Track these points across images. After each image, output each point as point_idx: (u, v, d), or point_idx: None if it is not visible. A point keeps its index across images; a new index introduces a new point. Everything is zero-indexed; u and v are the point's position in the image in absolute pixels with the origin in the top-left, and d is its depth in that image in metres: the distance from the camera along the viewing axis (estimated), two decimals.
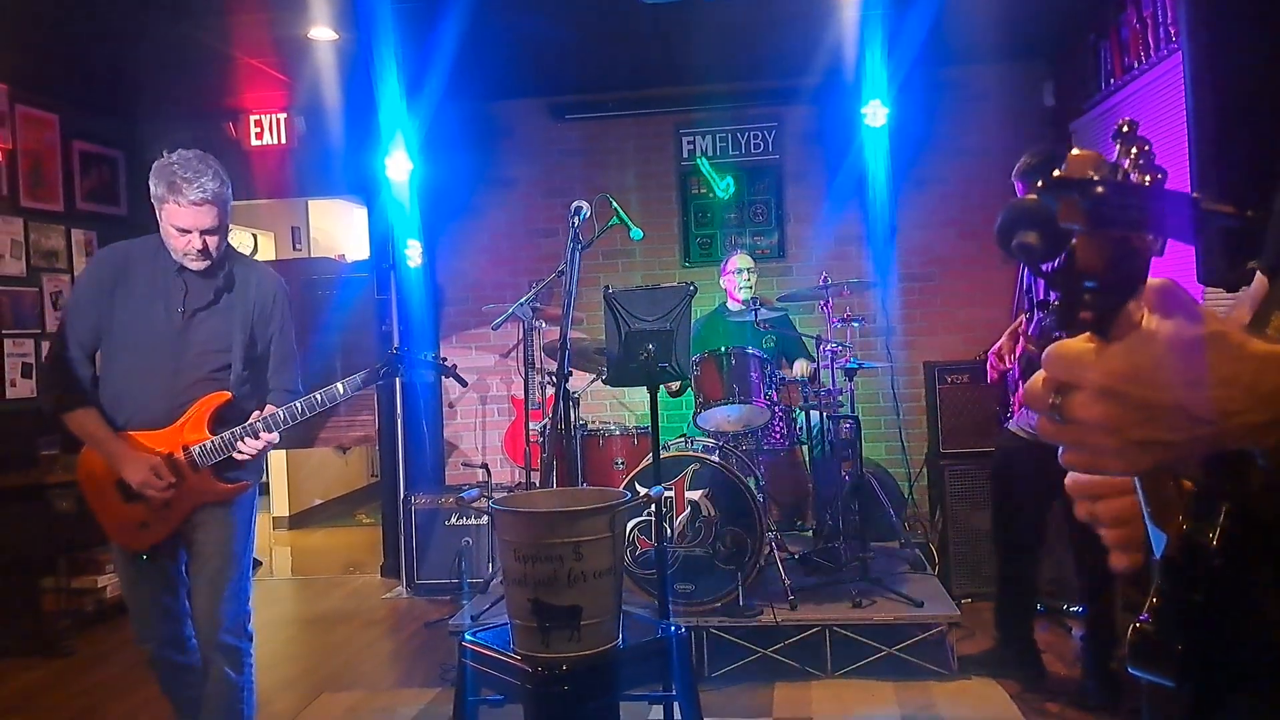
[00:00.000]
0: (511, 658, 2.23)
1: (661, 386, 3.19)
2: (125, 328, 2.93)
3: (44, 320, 5.65)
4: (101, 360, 2.99)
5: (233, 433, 2.93)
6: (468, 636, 2.40)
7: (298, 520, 8.21)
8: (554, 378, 3.10)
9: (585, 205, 3.18)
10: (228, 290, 3.00)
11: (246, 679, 3.05)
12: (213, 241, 2.90)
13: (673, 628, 2.39)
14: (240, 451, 2.93)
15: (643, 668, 2.37)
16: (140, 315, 2.93)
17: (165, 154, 2.88)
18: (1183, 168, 4.10)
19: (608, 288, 3.06)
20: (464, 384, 3.57)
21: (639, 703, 3.45)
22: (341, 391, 3.03)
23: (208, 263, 2.92)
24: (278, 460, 8.01)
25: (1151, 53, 4.25)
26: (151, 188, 2.86)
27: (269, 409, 3.02)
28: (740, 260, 5.38)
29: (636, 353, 2.84)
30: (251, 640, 3.08)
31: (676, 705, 2.40)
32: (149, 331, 2.92)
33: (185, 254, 2.88)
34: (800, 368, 5.01)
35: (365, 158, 5.94)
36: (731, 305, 5.44)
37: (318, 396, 3.00)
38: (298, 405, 2.97)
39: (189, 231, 2.85)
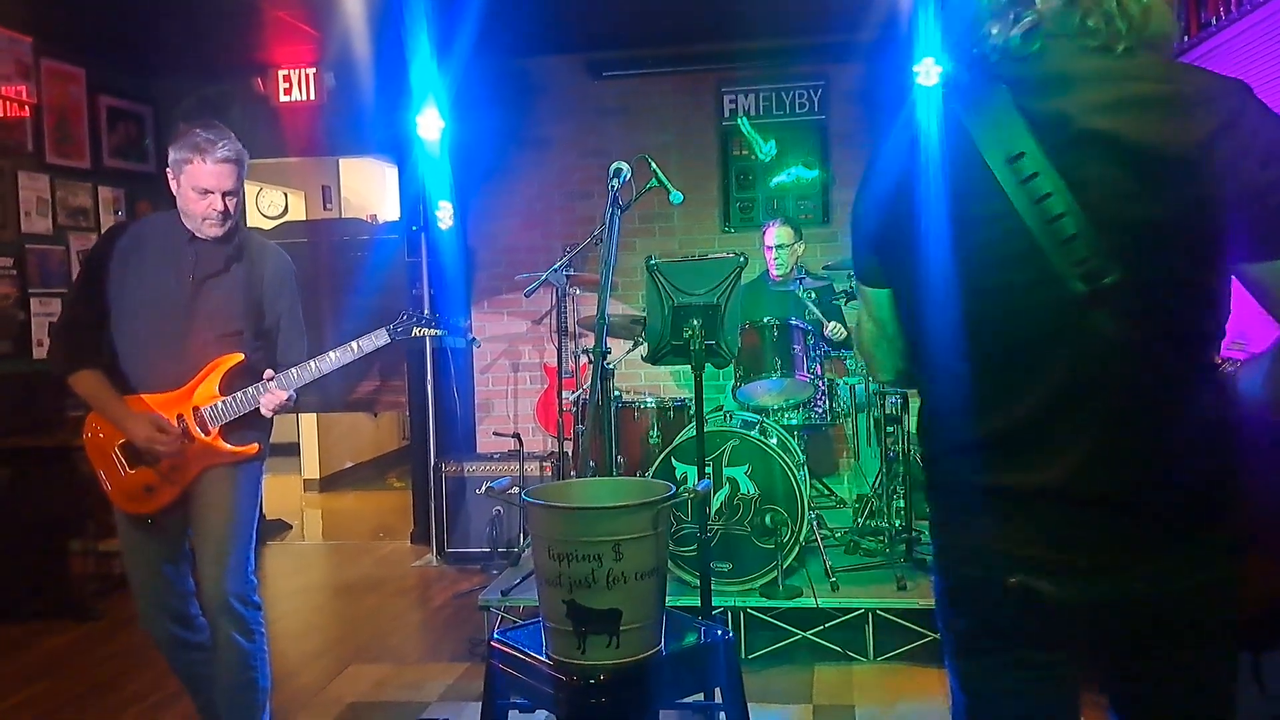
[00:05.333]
0: (544, 664, 2.08)
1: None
2: (136, 295, 2.92)
3: (71, 279, 5.56)
4: (113, 328, 2.96)
5: (244, 393, 2.94)
6: (496, 636, 2.26)
7: (328, 483, 8.17)
8: (590, 354, 2.94)
9: (625, 167, 2.99)
10: (237, 260, 3.00)
11: (258, 646, 3.00)
12: (232, 204, 2.92)
13: (718, 630, 2.23)
14: (262, 406, 2.94)
15: (686, 675, 2.22)
16: (151, 282, 2.93)
17: (182, 126, 2.97)
18: None
19: (651, 258, 2.88)
20: (473, 341, 3.91)
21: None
22: (356, 349, 3.05)
23: (226, 226, 2.93)
24: (309, 423, 7.96)
25: (1233, 7, 3.97)
26: (172, 154, 2.90)
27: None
28: (776, 235, 5.17)
29: (681, 329, 2.66)
30: (259, 609, 3.03)
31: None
32: (159, 297, 2.92)
33: (205, 217, 2.89)
34: (835, 328, 4.79)
35: (396, 115, 5.76)
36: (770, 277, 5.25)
37: (333, 354, 3.00)
38: (311, 364, 2.97)
39: (211, 193, 2.87)
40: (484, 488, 5.54)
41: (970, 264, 1.35)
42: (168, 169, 2.93)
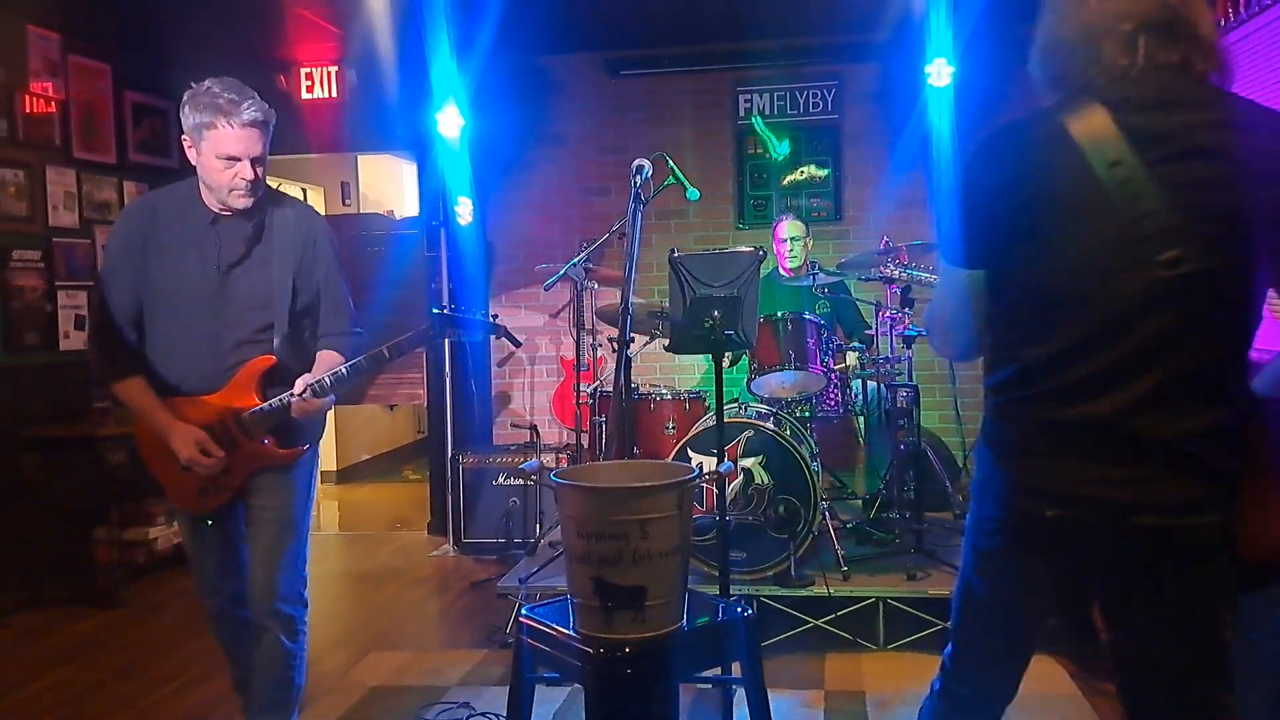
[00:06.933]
0: (572, 638, 2.16)
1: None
2: (162, 287, 2.76)
3: (96, 272, 5.65)
4: (144, 323, 2.83)
5: (280, 400, 2.78)
6: (525, 612, 2.33)
7: (345, 475, 8.26)
8: (613, 343, 2.99)
9: (647, 164, 3.06)
10: (259, 241, 2.80)
11: (300, 645, 2.96)
12: (261, 171, 2.70)
13: (738, 608, 2.31)
14: (294, 411, 2.80)
15: (707, 650, 2.30)
16: (175, 273, 2.75)
17: (194, 85, 2.66)
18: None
19: (673, 251, 2.95)
20: (517, 344, 3.37)
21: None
22: (387, 356, 2.87)
23: (254, 198, 2.72)
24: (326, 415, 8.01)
25: (1241, 9, 4.03)
26: (189, 118, 2.63)
27: (325, 355, 2.88)
28: (788, 228, 5.25)
29: (701, 320, 2.74)
30: (307, 607, 2.97)
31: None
32: (186, 290, 2.75)
33: (232, 189, 2.67)
34: (849, 358, 4.86)
35: (416, 112, 5.85)
36: (782, 272, 5.32)
37: (363, 361, 2.85)
38: (343, 370, 2.81)
39: (238, 160, 2.63)
40: (500, 478, 5.65)
41: (1075, 249, 1.64)
42: (184, 136, 2.68)
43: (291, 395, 2.77)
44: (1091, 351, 1.64)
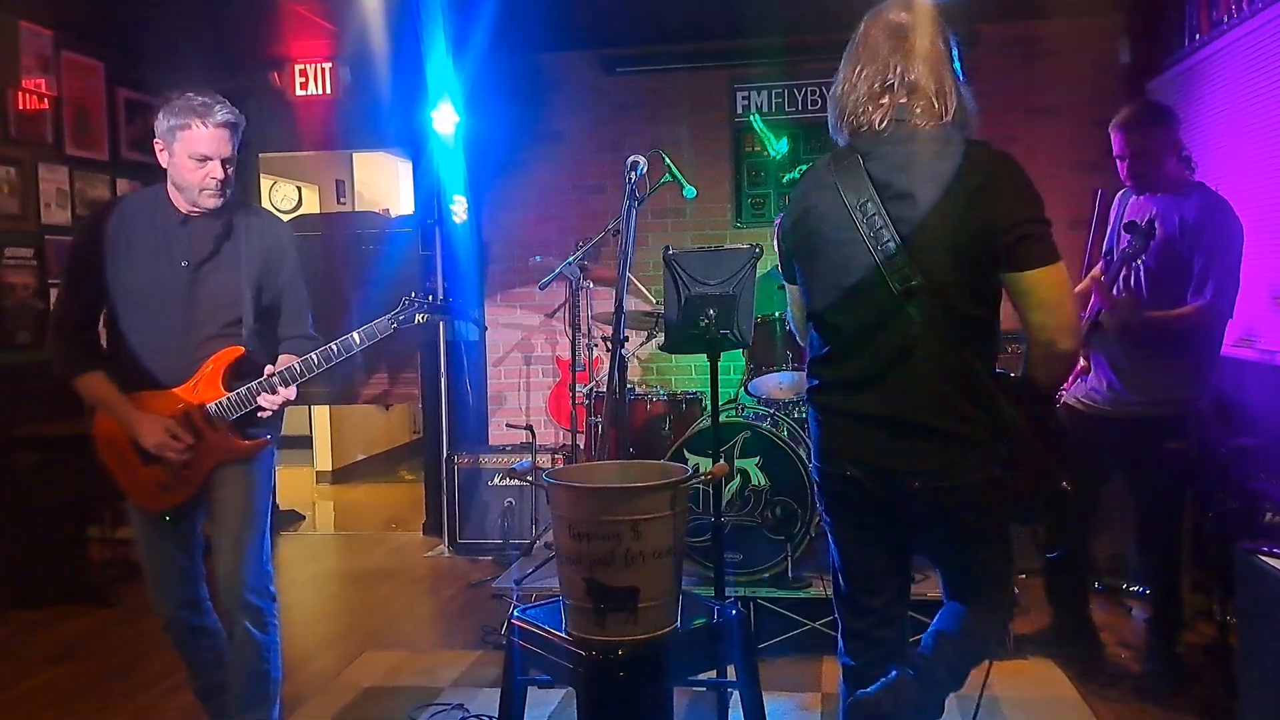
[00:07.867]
0: (564, 640, 2.13)
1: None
2: (130, 285, 2.81)
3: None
4: (109, 320, 2.86)
5: (248, 389, 2.84)
6: (517, 614, 2.30)
7: (340, 475, 8.23)
8: (608, 342, 2.97)
9: (642, 160, 3.04)
10: (227, 239, 2.87)
11: (272, 638, 2.97)
12: (230, 172, 2.79)
13: (732, 610, 2.29)
14: (261, 408, 2.85)
15: (701, 652, 2.27)
16: (144, 271, 2.81)
17: (165, 95, 2.79)
18: (1276, 137, 3.87)
19: (668, 248, 2.93)
20: (482, 327, 3.45)
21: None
22: (358, 341, 2.91)
23: (225, 196, 2.80)
24: (321, 415, 8.01)
25: (1244, 6, 4.00)
26: (163, 123, 2.76)
27: (285, 359, 2.92)
28: None
29: (697, 318, 2.71)
30: (275, 600, 3.00)
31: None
32: (155, 288, 2.81)
33: (203, 188, 2.76)
34: None
35: (411, 110, 5.82)
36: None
37: (334, 347, 2.89)
38: (313, 357, 2.87)
39: (209, 159, 2.73)
40: (496, 479, 5.62)
41: (836, 270, 2.07)
42: (156, 140, 2.78)
43: (259, 384, 2.84)
44: (853, 354, 2.08)
